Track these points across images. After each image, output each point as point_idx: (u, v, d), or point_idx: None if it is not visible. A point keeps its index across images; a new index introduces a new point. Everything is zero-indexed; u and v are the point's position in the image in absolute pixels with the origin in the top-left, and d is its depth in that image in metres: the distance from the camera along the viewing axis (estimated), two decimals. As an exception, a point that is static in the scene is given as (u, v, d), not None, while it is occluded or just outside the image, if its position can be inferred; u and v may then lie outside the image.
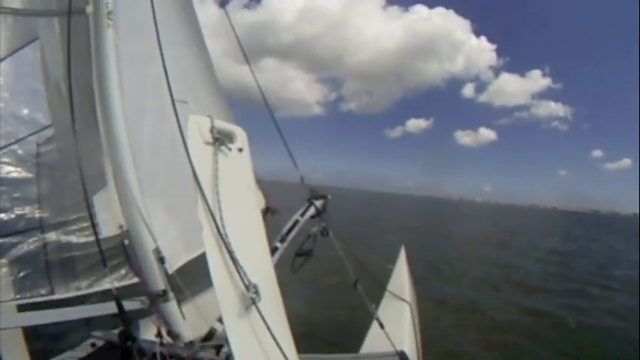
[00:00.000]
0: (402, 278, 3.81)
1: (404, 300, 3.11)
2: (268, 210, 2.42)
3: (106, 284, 1.45)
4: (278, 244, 2.26)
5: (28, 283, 1.51)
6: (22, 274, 1.52)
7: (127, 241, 1.41)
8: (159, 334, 1.44)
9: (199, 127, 1.17)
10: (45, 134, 1.61)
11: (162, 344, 1.42)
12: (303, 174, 2.52)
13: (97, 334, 2.07)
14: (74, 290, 1.48)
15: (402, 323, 2.66)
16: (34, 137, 1.60)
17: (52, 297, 1.50)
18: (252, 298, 1.01)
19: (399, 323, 2.61)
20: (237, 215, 1.16)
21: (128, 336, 1.30)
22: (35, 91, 1.66)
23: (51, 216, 1.54)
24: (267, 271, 1.20)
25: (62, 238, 1.52)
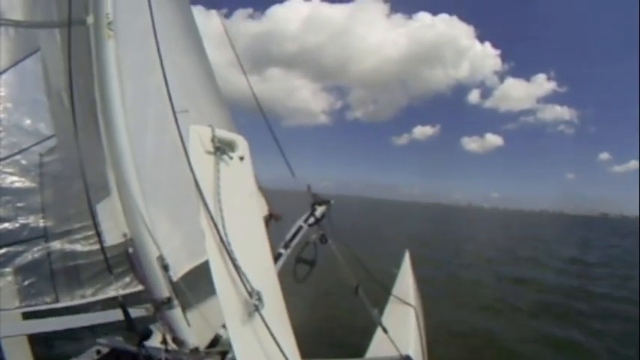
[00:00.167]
0: (406, 282, 3.82)
1: (409, 304, 3.11)
2: (271, 217, 2.44)
3: (111, 292, 1.46)
4: (282, 251, 2.27)
5: (33, 291, 1.53)
6: (26, 283, 1.53)
7: (131, 249, 1.43)
8: (164, 341, 1.46)
9: (200, 136, 1.18)
10: (48, 144, 1.62)
11: (168, 351, 1.44)
12: (309, 182, 2.56)
13: (102, 341, 2.08)
14: (79, 298, 1.49)
15: (407, 327, 2.67)
16: (37, 147, 1.61)
17: (57, 305, 1.52)
18: (255, 305, 1.02)
19: (404, 327, 2.62)
20: (239, 223, 1.18)
21: (141, 339, 1.31)
22: (37, 101, 1.68)
23: (55, 225, 1.56)
24: (270, 277, 1.22)
25: (66, 246, 1.53)
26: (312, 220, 2.35)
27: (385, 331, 2.13)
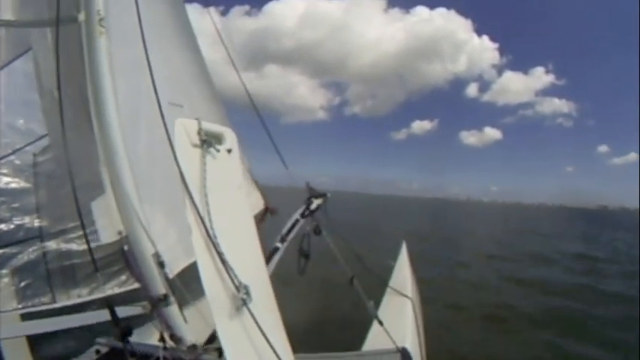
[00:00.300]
0: (403, 274, 3.79)
1: (406, 296, 3.09)
2: (267, 210, 2.42)
3: (108, 291, 1.45)
4: (279, 244, 2.26)
5: (30, 292, 1.52)
6: (23, 284, 1.52)
7: (126, 247, 1.42)
8: (162, 339, 1.45)
9: (186, 129, 1.17)
10: (41, 144, 1.61)
11: (166, 348, 1.42)
12: (308, 179, 2.55)
13: (101, 340, 2.08)
14: (75, 298, 1.48)
15: (404, 319, 2.65)
16: (30, 147, 1.60)
17: (54, 305, 1.50)
18: (243, 299, 1.00)
19: (400, 319, 2.60)
20: (227, 216, 1.16)
21: (124, 336, 1.30)
22: (30, 101, 1.67)
23: (50, 225, 1.54)
24: (258, 271, 1.20)
25: (62, 246, 1.52)
26: (306, 212, 2.34)
27: (380, 323, 2.10)
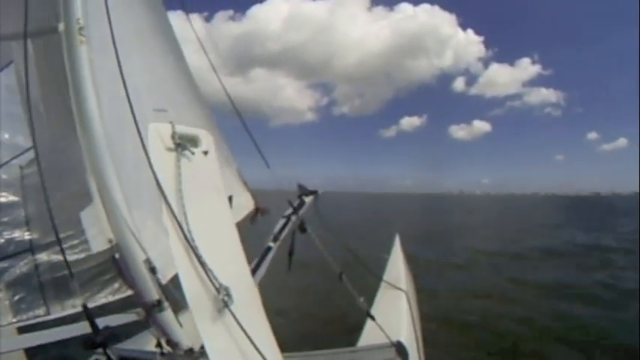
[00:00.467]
0: (397, 267, 3.77)
1: (400, 289, 3.06)
2: (258, 210, 2.42)
3: (101, 299, 1.45)
4: (271, 244, 2.26)
5: (24, 305, 1.52)
6: (17, 297, 1.52)
7: (117, 255, 1.41)
8: (158, 344, 1.44)
9: (160, 134, 1.16)
10: (27, 156, 1.61)
11: (163, 354, 1.42)
12: (299, 180, 2.55)
13: (100, 350, 2.06)
14: (70, 308, 1.48)
15: (398, 313, 2.62)
16: (16, 160, 1.60)
17: (50, 317, 1.50)
18: (224, 301, 0.99)
19: (395, 313, 2.58)
20: (206, 218, 1.15)
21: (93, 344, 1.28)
22: (14, 114, 1.66)
23: (40, 237, 1.54)
24: (240, 272, 1.18)
25: (53, 257, 1.52)
26: (304, 208, 2.33)
27: (372, 318, 2.09)
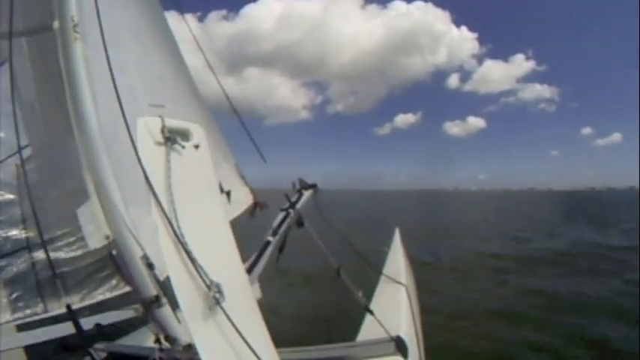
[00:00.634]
0: (397, 261, 3.74)
1: (400, 283, 3.04)
2: (257, 205, 2.41)
3: (99, 296, 1.44)
4: (270, 238, 2.25)
5: (21, 304, 1.51)
6: (14, 295, 1.52)
7: (114, 251, 1.41)
8: (157, 340, 1.44)
9: (149, 128, 1.13)
10: (23, 155, 1.60)
11: (161, 350, 1.42)
12: (294, 179, 2.54)
13: (99, 346, 2.05)
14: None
15: (398, 307, 2.60)
16: (12, 159, 1.59)
17: (47, 315, 1.50)
18: (216, 298, 0.97)
19: (395, 307, 2.56)
20: (196, 213, 1.13)
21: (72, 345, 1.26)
22: (9, 112, 1.65)
23: (37, 235, 1.53)
24: (232, 268, 1.15)
25: (50, 255, 1.51)
26: (303, 201, 2.32)
27: (371, 313, 2.06)
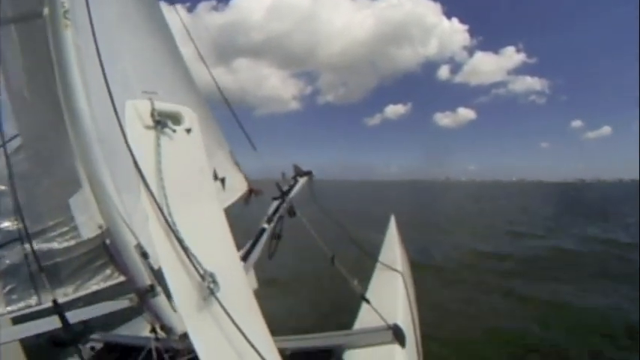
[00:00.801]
0: (393, 248, 3.69)
1: (396, 270, 2.99)
2: (251, 192, 2.39)
3: (93, 286, 1.42)
4: (265, 226, 2.22)
5: (15, 296, 1.49)
6: (8, 288, 1.50)
7: (108, 241, 1.38)
8: (153, 330, 1.42)
9: (138, 111, 1.08)
10: (13, 144, 1.57)
11: (157, 339, 1.39)
12: (284, 169, 2.51)
13: (95, 336, 2.04)
14: (61, 297, 1.45)
15: (394, 295, 2.57)
16: (2, 149, 1.56)
17: (42, 306, 1.48)
18: (210, 288, 0.94)
19: (391, 295, 2.54)
20: (189, 199, 1.08)
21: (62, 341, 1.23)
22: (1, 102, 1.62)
23: (29, 225, 1.51)
24: (227, 257, 1.12)
25: (43, 245, 1.49)
26: (297, 188, 2.30)
27: (367, 301, 2.03)
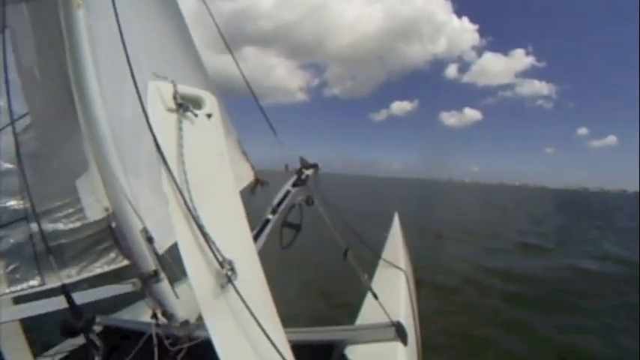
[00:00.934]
0: (396, 246, 3.68)
1: (399, 268, 2.99)
2: (258, 182, 2.37)
3: (97, 269, 1.41)
4: (270, 216, 2.20)
5: (18, 275, 1.48)
6: (12, 267, 1.49)
7: (114, 224, 1.37)
8: (154, 316, 1.41)
9: (160, 93, 1.05)
10: (22, 123, 1.56)
11: (158, 325, 1.38)
12: (289, 161, 2.48)
13: (95, 319, 2.02)
14: (65, 278, 1.44)
15: (397, 292, 2.56)
16: (10, 127, 1.55)
17: (45, 287, 1.47)
18: (228, 276, 0.93)
19: (394, 293, 2.52)
20: (209, 186, 1.06)
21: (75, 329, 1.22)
22: (9, 80, 1.61)
23: (36, 205, 1.50)
24: (244, 245, 1.10)
25: (49, 226, 1.48)
26: (298, 182, 2.27)
27: (375, 297, 2.02)
